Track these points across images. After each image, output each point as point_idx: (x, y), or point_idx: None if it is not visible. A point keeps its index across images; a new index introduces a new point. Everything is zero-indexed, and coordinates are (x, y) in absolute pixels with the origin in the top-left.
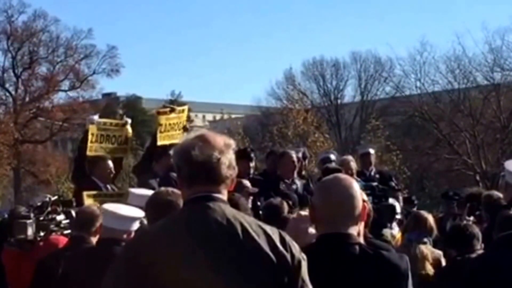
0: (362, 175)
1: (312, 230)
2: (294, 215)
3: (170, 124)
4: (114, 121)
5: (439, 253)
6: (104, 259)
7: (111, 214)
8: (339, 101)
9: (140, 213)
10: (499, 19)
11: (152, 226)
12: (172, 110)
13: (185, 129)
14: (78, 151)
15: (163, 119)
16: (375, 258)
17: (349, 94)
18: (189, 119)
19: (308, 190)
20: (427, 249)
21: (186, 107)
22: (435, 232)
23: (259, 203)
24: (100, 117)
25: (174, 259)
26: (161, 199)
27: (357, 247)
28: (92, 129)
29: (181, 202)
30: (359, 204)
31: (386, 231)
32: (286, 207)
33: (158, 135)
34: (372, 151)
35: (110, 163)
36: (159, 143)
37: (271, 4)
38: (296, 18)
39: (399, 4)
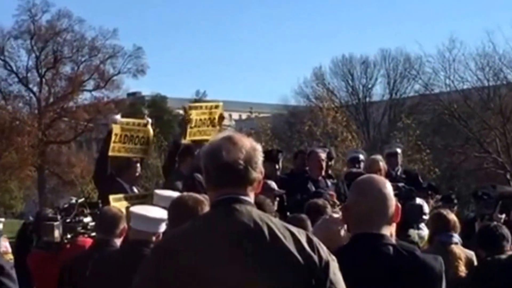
0: (388, 175)
1: (343, 231)
2: (326, 217)
3: (200, 120)
4: (136, 121)
5: (470, 253)
6: (133, 261)
7: (139, 216)
8: (367, 99)
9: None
10: None
11: (179, 229)
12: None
13: (215, 124)
14: (101, 151)
15: (193, 114)
16: (410, 260)
17: (378, 92)
18: (222, 117)
19: (337, 190)
20: (459, 250)
21: (220, 104)
22: (459, 230)
23: (286, 204)
24: (124, 116)
25: (202, 262)
26: (183, 205)
27: (391, 247)
28: (116, 128)
29: (203, 208)
30: (393, 205)
31: (413, 232)
32: (329, 207)
33: (188, 130)
34: (399, 150)
35: (138, 165)
36: (188, 138)
37: (300, 2)
38: (325, 16)
39: (428, 1)
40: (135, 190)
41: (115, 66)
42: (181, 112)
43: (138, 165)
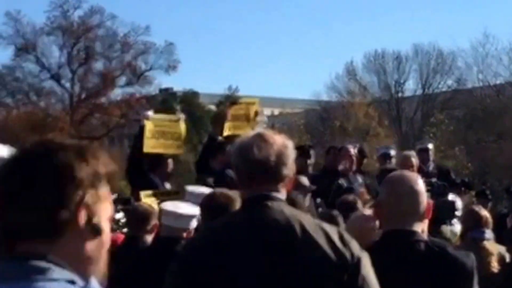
0: (420, 170)
1: (375, 228)
2: (358, 213)
3: (237, 115)
4: (168, 117)
5: (503, 249)
6: (164, 257)
7: (170, 213)
8: (399, 94)
9: (198, 211)
10: None
11: (210, 226)
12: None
13: (250, 120)
14: (133, 147)
15: (232, 110)
16: (441, 256)
17: (410, 87)
18: (257, 114)
19: (367, 186)
20: (492, 246)
21: (256, 100)
22: (491, 226)
23: (318, 200)
24: (156, 113)
25: (232, 259)
26: (214, 201)
27: (422, 244)
28: (149, 125)
29: (234, 205)
30: (424, 201)
31: (445, 228)
32: (360, 203)
33: (225, 125)
34: (430, 146)
35: (171, 161)
36: (225, 133)
37: None
38: (357, 10)
39: None
40: (167, 186)
41: (147, 62)
42: (213, 107)
43: (170, 160)
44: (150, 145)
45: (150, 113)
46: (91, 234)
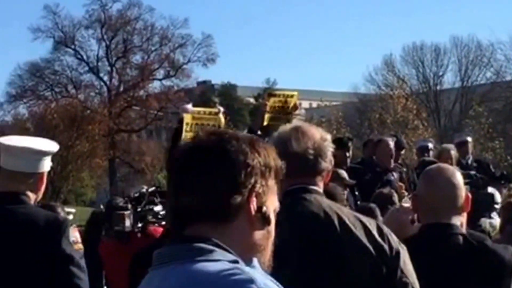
0: (459, 164)
1: (414, 221)
2: (396, 206)
3: (275, 107)
4: (208, 110)
5: None
6: None
7: None
8: (438, 87)
9: None
10: None
11: None
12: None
13: (288, 113)
14: (172, 141)
15: (271, 101)
16: (479, 249)
17: (449, 80)
18: (296, 107)
19: (402, 179)
20: None
21: (295, 93)
22: None
23: (356, 193)
24: (194, 106)
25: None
26: None
27: (460, 237)
28: (187, 118)
29: None
30: (462, 194)
31: (484, 221)
32: (396, 196)
33: (266, 115)
34: (469, 139)
35: None
36: (265, 123)
37: None
38: (395, 3)
39: None
40: None
41: (185, 55)
42: (251, 100)
43: None
44: (188, 138)
45: (189, 106)
46: (260, 223)
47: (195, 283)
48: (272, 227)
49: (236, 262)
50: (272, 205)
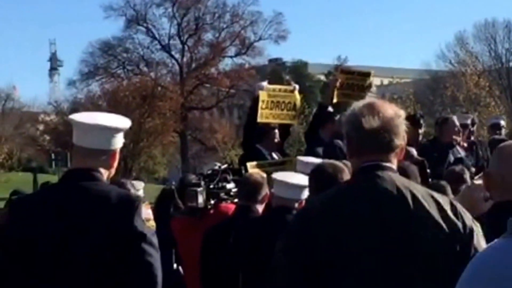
0: None
1: (486, 198)
2: (468, 184)
3: (348, 84)
4: (283, 87)
5: None
6: (276, 227)
7: (282, 183)
8: (511, 64)
9: None
10: None
11: (322, 196)
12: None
13: (362, 91)
14: (247, 118)
15: (344, 78)
16: None
17: None
18: (371, 86)
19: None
20: None
21: (372, 72)
22: None
23: (428, 171)
24: (269, 83)
25: (343, 229)
26: (322, 172)
27: None
28: (263, 95)
29: (342, 176)
30: None
31: None
32: (467, 174)
33: (336, 92)
34: None
35: (277, 132)
36: (335, 100)
37: None
38: None
39: None
40: (275, 156)
41: (256, 32)
42: (322, 78)
43: (276, 131)
44: (264, 116)
45: (264, 83)
46: None
47: None
48: None
49: None
50: None
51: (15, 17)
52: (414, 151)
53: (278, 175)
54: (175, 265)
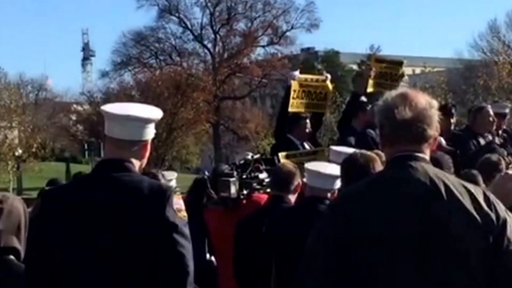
0: None
1: None
2: (502, 174)
3: (381, 73)
4: (314, 77)
5: None
6: (308, 217)
7: (315, 173)
8: None
9: None
10: None
11: (355, 186)
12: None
13: (394, 80)
14: (280, 108)
15: (377, 67)
16: None
17: None
18: (403, 75)
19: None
20: None
21: (403, 61)
22: None
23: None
24: (300, 73)
25: (376, 220)
26: (354, 162)
27: None
28: (295, 85)
29: (374, 166)
30: None
31: None
32: (503, 163)
33: (370, 81)
34: None
35: (308, 121)
36: (369, 90)
37: None
38: None
39: None
40: (306, 146)
41: (288, 22)
42: (355, 67)
43: (307, 120)
44: (295, 105)
45: (296, 73)
46: None
47: None
48: None
49: None
50: None
51: (48, 8)
52: (443, 141)
53: (311, 165)
54: (208, 256)
